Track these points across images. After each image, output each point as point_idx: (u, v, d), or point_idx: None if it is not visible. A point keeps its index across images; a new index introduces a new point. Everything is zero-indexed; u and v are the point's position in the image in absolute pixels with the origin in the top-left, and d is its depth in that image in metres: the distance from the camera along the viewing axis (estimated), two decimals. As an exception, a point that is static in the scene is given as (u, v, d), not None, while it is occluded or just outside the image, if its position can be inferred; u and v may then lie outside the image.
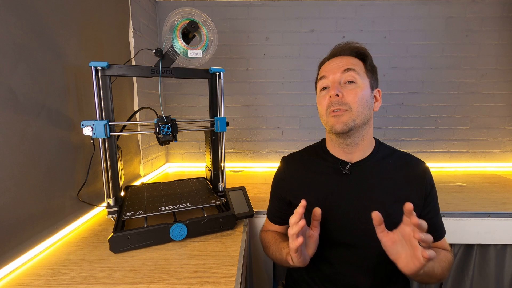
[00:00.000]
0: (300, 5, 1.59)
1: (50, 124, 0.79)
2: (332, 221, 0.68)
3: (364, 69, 0.68)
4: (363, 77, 0.67)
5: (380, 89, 0.72)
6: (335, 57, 0.71)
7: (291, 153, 0.84)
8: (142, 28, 1.40)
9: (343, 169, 0.70)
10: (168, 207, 0.82)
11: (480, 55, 1.59)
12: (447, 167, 1.70)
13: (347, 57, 0.70)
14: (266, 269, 1.08)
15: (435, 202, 0.71)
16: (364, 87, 0.66)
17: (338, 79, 0.67)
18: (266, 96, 1.68)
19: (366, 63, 0.69)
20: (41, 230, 0.75)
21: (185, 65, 0.87)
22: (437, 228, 0.71)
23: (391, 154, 0.73)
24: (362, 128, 0.68)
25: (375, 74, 0.72)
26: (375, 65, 0.72)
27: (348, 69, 0.66)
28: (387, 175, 0.69)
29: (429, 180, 0.69)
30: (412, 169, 0.70)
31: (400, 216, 0.63)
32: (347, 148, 0.70)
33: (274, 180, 0.83)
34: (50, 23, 0.80)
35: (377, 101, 0.71)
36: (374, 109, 0.71)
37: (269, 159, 1.75)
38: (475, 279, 1.08)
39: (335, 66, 0.68)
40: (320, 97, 0.71)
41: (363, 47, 0.71)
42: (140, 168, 1.40)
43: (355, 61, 0.69)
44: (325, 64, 0.73)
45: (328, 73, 0.69)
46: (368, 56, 0.70)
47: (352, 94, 0.65)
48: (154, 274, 0.62)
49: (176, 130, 0.88)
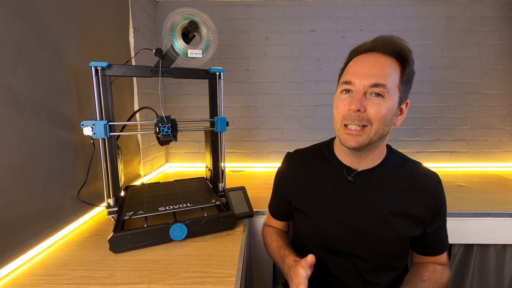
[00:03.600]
0: (300, 5, 1.59)
1: (50, 124, 0.79)
2: (332, 229, 0.67)
3: (398, 82, 0.59)
4: (393, 93, 0.58)
5: (409, 101, 0.64)
6: (372, 53, 0.61)
7: (297, 150, 0.80)
8: (142, 28, 1.40)
9: (348, 177, 0.67)
10: (168, 207, 0.82)
11: (480, 55, 1.59)
12: (447, 167, 1.69)
13: (384, 59, 0.59)
14: (266, 269, 1.08)
15: (443, 218, 0.67)
16: (391, 103, 0.58)
17: (363, 90, 0.58)
18: (266, 96, 1.68)
19: (405, 70, 0.60)
20: (41, 230, 0.75)
21: (185, 65, 0.87)
22: (440, 243, 0.69)
23: (402, 164, 0.68)
24: (376, 142, 0.62)
25: (410, 84, 0.62)
26: (414, 71, 0.63)
27: (378, 84, 0.57)
28: (393, 187, 0.65)
29: (439, 195, 0.65)
30: (422, 182, 0.65)
31: (403, 230, 0.63)
32: (355, 158, 0.66)
33: (277, 177, 0.82)
34: (50, 23, 0.80)
35: (401, 114, 0.64)
36: (396, 123, 0.63)
37: (269, 159, 1.75)
38: (475, 279, 1.08)
39: (366, 73, 0.58)
40: (339, 100, 0.62)
41: (408, 48, 0.60)
42: (140, 168, 1.40)
43: (392, 68, 0.59)
44: (357, 61, 0.61)
45: (355, 78, 0.59)
46: (410, 62, 0.60)
47: (376, 109, 0.57)
48: (154, 274, 0.62)
49: (176, 130, 0.88)
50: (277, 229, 0.83)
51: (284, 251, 0.70)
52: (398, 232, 0.63)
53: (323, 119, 1.69)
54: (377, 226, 0.64)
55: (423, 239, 0.67)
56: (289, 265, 0.64)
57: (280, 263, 0.69)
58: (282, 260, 0.69)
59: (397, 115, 0.62)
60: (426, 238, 0.66)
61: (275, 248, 0.74)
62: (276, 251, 0.73)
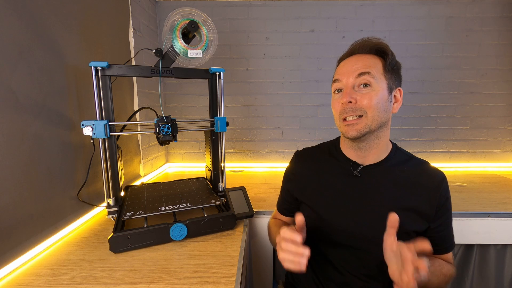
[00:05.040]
0: (300, 5, 1.59)
1: (50, 124, 0.79)
2: (337, 222, 0.68)
3: (382, 70, 0.63)
4: (379, 80, 0.63)
5: (401, 89, 0.67)
6: (353, 56, 0.67)
7: (305, 148, 0.82)
8: (142, 28, 1.40)
9: (354, 171, 0.69)
10: (168, 207, 0.82)
11: (480, 55, 1.59)
12: (447, 167, 1.69)
13: (365, 56, 0.65)
14: (266, 269, 1.08)
15: (448, 215, 0.68)
16: (380, 90, 0.62)
17: (351, 84, 0.63)
18: (266, 96, 1.68)
19: (386, 61, 0.64)
20: (41, 230, 0.75)
21: (185, 65, 0.87)
22: (445, 241, 0.69)
23: (407, 161, 0.70)
24: (378, 131, 0.65)
25: (397, 73, 0.66)
26: (398, 62, 0.67)
27: (363, 73, 0.62)
28: (399, 182, 0.66)
29: (444, 192, 0.66)
30: (427, 178, 0.67)
31: (408, 225, 0.64)
32: (360, 151, 0.68)
33: (285, 174, 0.83)
34: (50, 23, 0.80)
35: (396, 102, 0.67)
36: (393, 110, 0.66)
37: (269, 159, 1.75)
38: (475, 279, 1.08)
39: (350, 69, 0.64)
40: (334, 100, 0.68)
41: (383, 43, 0.65)
42: (140, 168, 1.40)
43: (373, 61, 0.64)
44: (341, 64, 0.68)
45: (342, 76, 0.65)
46: (389, 54, 0.64)
47: (367, 98, 0.61)
48: (154, 274, 0.62)
49: (176, 130, 0.88)
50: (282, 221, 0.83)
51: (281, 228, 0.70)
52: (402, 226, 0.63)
53: (323, 119, 1.69)
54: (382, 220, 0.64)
55: (427, 235, 0.67)
56: None
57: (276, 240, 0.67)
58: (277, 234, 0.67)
59: (391, 101, 0.65)
60: (431, 234, 0.67)
61: (276, 231, 0.74)
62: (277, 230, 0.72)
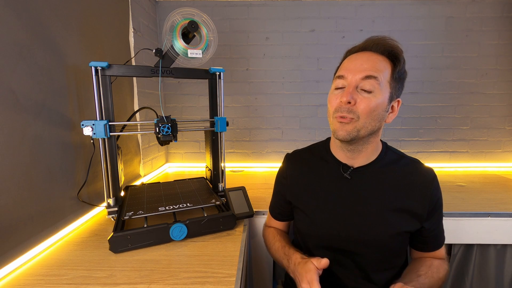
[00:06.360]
0: (300, 5, 1.59)
1: (50, 124, 0.79)
2: (329, 226, 0.68)
3: (389, 77, 0.61)
4: (384, 87, 0.60)
5: (400, 100, 0.65)
6: (364, 52, 0.63)
7: (295, 151, 0.82)
8: (142, 28, 1.40)
9: (344, 173, 0.68)
10: (168, 207, 0.82)
11: (480, 55, 1.59)
12: (447, 167, 1.69)
13: (376, 57, 0.61)
14: (266, 269, 1.08)
15: (439, 213, 0.68)
16: (381, 99, 0.60)
17: (355, 83, 0.60)
18: (266, 96, 1.68)
19: (395, 68, 0.61)
20: (41, 230, 0.75)
21: (185, 65, 0.87)
22: (437, 238, 0.69)
23: (397, 161, 0.69)
24: (367, 137, 0.64)
25: (402, 82, 0.64)
26: (406, 71, 0.64)
27: (370, 76, 0.59)
28: (390, 183, 0.66)
29: (435, 191, 0.66)
30: (418, 178, 0.66)
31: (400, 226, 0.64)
32: (349, 153, 0.68)
33: (277, 177, 0.83)
34: (50, 23, 0.80)
35: (392, 112, 0.65)
36: (387, 120, 0.64)
37: (269, 159, 1.75)
38: (475, 279, 1.08)
39: (359, 67, 0.60)
40: (332, 95, 0.65)
41: (399, 48, 0.62)
42: (140, 168, 1.40)
43: (383, 65, 0.61)
44: (350, 58, 0.64)
45: (348, 72, 0.61)
46: (401, 61, 0.62)
47: (365, 103, 0.59)
48: (154, 274, 0.62)
49: (176, 130, 0.88)
50: (279, 230, 0.83)
51: (289, 249, 0.70)
52: (394, 227, 0.64)
53: (323, 119, 1.69)
54: (374, 222, 0.64)
55: (420, 235, 0.68)
56: (296, 262, 0.64)
57: (286, 261, 0.69)
58: (287, 258, 0.69)
59: (387, 111, 0.63)
60: (424, 233, 0.67)
61: (278, 247, 0.74)
62: (280, 250, 0.73)
